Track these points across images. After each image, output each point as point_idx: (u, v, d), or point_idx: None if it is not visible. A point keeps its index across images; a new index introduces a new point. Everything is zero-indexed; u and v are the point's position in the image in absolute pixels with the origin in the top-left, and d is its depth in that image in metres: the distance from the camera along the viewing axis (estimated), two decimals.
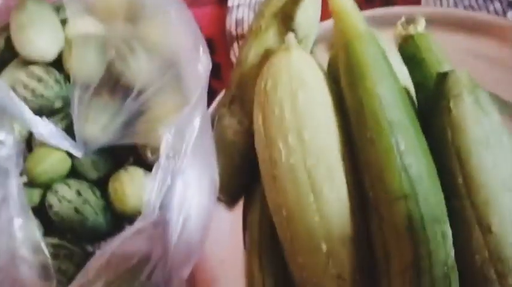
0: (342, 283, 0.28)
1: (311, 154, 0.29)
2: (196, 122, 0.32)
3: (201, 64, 0.34)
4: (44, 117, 0.36)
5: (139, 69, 0.37)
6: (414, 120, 0.29)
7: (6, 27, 0.40)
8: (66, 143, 0.37)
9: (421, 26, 0.39)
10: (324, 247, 0.28)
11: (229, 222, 0.39)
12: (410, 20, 0.39)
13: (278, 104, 0.30)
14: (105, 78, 0.38)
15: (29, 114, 0.35)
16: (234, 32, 0.48)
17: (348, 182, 0.29)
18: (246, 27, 0.47)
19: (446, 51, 0.37)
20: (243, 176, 0.37)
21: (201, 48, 0.34)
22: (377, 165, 0.27)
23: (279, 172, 0.30)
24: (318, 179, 0.29)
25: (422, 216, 0.26)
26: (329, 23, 0.40)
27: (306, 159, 0.29)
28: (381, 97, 0.28)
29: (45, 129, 0.36)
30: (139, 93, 0.37)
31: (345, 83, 0.30)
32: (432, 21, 0.41)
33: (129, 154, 0.39)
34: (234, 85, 0.36)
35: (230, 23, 0.48)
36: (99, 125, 0.37)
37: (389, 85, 0.28)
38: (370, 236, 0.29)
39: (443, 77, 0.31)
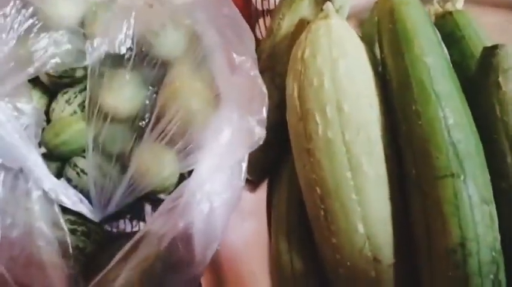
0: (379, 266, 0.26)
1: (350, 126, 0.27)
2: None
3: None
4: (63, 179, 0.35)
5: (169, 43, 0.35)
6: (462, 94, 0.27)
7: None
8: (82, 206, 0.34)
9: (459, 2, 0.36)
10: (361, 227, 0.26)
11: (252, 202, 0.37)
12: None
13: (317, 73, 0.28)
14: (133, 49, 0.36)
15: (48, 176, 0.33)
16: (260, 7, 0.46)
17: (387, 158, 0.27)
18: (272, 2, 0.45)
19: (484, 28, 0.35)
20: (270, 153, 0.35)
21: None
22: (422, 139, 0.25)
23: (314, 146, 0.28)
24: (357, 154, 0.27)
25: (470, 196, 0.24)
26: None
27: (344, 132, 0.27)
28: (429, 66, 0.26)
29: (59, 188, 0.33)
30: (167, 67, 0.36)
31: (388, 51, 0.28)
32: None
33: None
34: (264, 56, 0.34)
35: None
36: (122, 97, 0.35)
37: (438, 54, 0.27)
38: (409, 216, 0.27)
39: (490, 51, 0.29)
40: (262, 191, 0.38)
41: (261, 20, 0.46)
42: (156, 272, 0.30)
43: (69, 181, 0.35)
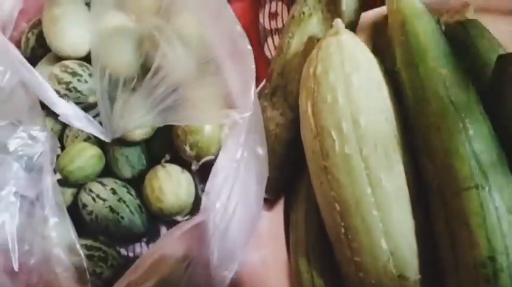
0: (405, 283, 0.26)
1: (367, 141, 0.27)
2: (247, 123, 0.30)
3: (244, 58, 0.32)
4: (70, 100, 0.35)
5: (177, 60, 0.36)
6: (479, 103, 0.26)
7: (37, 24, 0.40)
8: (92, 127, 0.35)
9: (470, 12, 0.36)
10: (383, 243, 0.26)
11: (269, 221, 0.37)
12: (457, 7, 0.36)
13: (330, 90, 0.28)
14: (141, 72, 0.36)
15: (54, 96, 0.34)
16: (268, 26, 0.46)
17: (406, 171, 0.27)
18: (280, 21, 0.46)
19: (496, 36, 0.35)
20: (285, 171, 0.35)
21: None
22: (443, 152, 0.25)
23: (331, 163, 0.27)
24: (376, 168, 0.26)
25: (496, 207, 0.24)
26: (370, 13, 0.38)
27: (362, 148, 0.27)
28: (445, 77, 0.26)
29: (70, 111, 0.34)
30: (177, 86, 0.36)
31: (402, 63, 0.27)
32: (481, 8, 0.38)
33: (165, 150, 0.37)
34: (275, 75, 0.34)
35: (263, 17, 0.46)
36: (136, 122, 0.35)
37: (452, 65, 0.26)
38: (432, 230, 0.26)
39: (506, 59, 0.28)
40: (279, 209, 0.37)
41: (269, 39, 0.46)
42: None
43: (84, 206, 0.36)
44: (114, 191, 0.36)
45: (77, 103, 0.36)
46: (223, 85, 0.34)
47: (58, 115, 0.34)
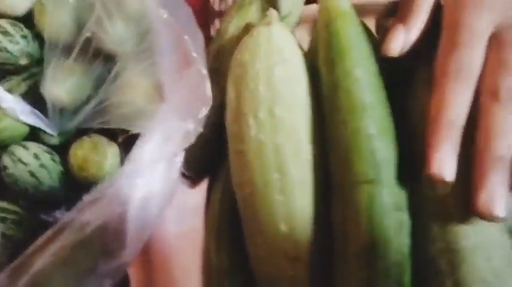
0: (298, 265, 0.27)
1: (280, 130, 0.28)
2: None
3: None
4: (17, 95, 0.35)
5: (117, 35, 0.36)
6: (386, 105, 0.28)
7: None
8: (39, 121, 0.35)
9: None
10: (283, 227, 0.27)
11: (194, 200, 0.38)
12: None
13: (253, 78, 0.29)
14: (79, 40, 0.36)
15: (6, 94, 0.34)
16: (217, 8, 0.46)
17: (314, 163, 0.28)
18: (229, 3, 0.46)
19: None
20: (209, 151, 0.36)
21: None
22: (345, 147, 0.27)
23: (246, 147, 0.29)
24: (285, 157, 0.28)
25: (383, 203, 0.26)
26: (313, 6, 0.39)
27: (275, 135, 0.28)
28: (359, 79, 0.27)
29: (17, 105, 0.34)
30: (114, 60, 0.36)
31: (322, 61, 0.29)
32: None
33: None
34: (211, 57, 0.35)
35: None
36: (66, 87, 0.35)
37: (368, 68, 0.28)
38: (331, 219, 0.28)
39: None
40: (203, 188, 0.38)
41: (217, 21, 0.47)
42: (80, 258, 0.30)
43: (4, 168, 0.35)
44: (36, 156, 0.35)
45: (6, 64, 0.35)
46: (158, 74, 0.34)
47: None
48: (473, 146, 0.25)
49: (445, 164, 0.24)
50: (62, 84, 0.35)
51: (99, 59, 0.36)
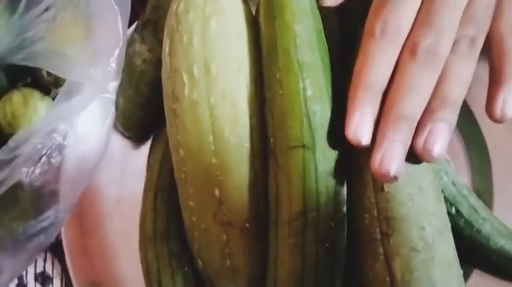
0: (231, 230, 0.26)
1: (216, 89, 0.26)
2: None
3: None
4: None
5: None
6: (328, 66, 0.26)
7: None
8: None
9: None
10: (217, 192, 0.26)
11: (136, 161, 0.36)
12: None
13: (187, 30, 0.26)
14: None
15: None
16: None
17: (251, 126, 0.27)
18: None
19: None
20: (150, 110, 0.34)
21: None
22: (281, 109, 0.25)
23: (180, 107, 0.27)
24: (220, 118, 0.26)
25: (317, 168, 0.24)
26: None
27: (210, 95, 0.26)
28: (297, 35, 0.25)
29: None
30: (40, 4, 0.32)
31: (263, 16, 0.27)
32: None
33: (25, 73, 0.35)
34: (150, 7, 0.32)
35: None
36: None
37: (309, 24, 0.26)
38: (267, 184, 0.27)
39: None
40: (146, 150, 0.36)
41: None
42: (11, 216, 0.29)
43: None
44: None
45: None
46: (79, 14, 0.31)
47: None
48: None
49: (361, 128, 0.23)
50: None
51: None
